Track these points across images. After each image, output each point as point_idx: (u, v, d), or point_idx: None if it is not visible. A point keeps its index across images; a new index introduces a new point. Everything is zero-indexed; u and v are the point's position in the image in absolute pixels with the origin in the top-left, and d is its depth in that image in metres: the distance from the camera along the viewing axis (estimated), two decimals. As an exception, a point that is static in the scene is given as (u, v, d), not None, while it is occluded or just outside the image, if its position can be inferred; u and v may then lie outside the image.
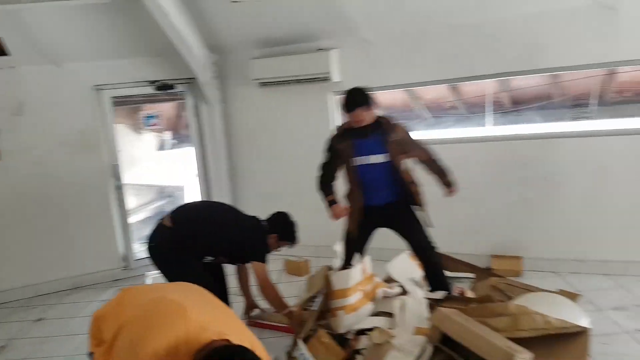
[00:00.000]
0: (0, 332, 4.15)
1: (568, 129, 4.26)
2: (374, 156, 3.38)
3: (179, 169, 5.65)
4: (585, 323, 2.69)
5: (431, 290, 3.46)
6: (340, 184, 3.58)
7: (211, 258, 3.40)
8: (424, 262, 3.46)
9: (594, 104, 4.22)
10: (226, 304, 3.40)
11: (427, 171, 3.59)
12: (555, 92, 4.42)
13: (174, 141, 5.62)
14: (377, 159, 3.37)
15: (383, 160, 3.37)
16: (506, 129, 4.52)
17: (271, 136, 5.19)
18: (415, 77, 4.51)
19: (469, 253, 4.24)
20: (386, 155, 3.35)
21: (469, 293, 3.36)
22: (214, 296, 1.97)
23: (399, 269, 3.42)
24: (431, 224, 3.53)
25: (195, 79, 5.05)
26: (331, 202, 3.50)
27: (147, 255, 3.38)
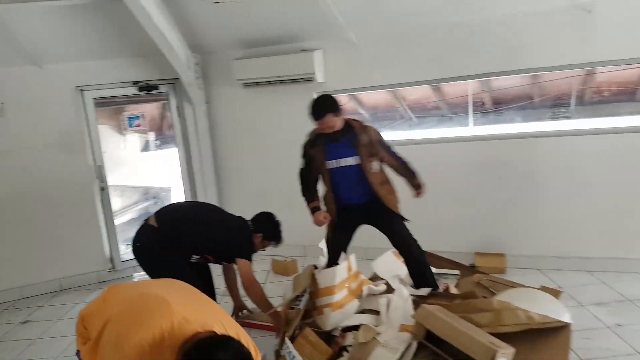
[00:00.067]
0: (-14, 334, 4.11)
1: (547, 128, 4.31)
2: (345, 159, 3.41)
3: (163, 170, 5.62)
4: (567, 318, 2.74)
5: (415, 285, 3.47)
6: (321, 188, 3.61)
7: (197, 257, 3.39)
8: (405, 256, 3.48)
9: (572, 104, 4.29)
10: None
11: (396, 173, 3.65)
12: (535, 92, 4.48)
13: (158, 142, 5.58)
14: (349, 161, 3.41)
15: (355, 163, 3.40)
16: (487, 129, 4.55)
17: (256, 137, 5.18)
18: (398, 77, 4.53)
19: (454, 251, 4.27)
20: (357, 158, 3.39)
21: (453, 289, 3.40)
22: (199, 291, 1.97)
23: (383, 266, 3.44)
24: (407, 219, 3.56)
25: (178, 79, 5.03)
26: (314, 209, 3.53)
27: (133, 256, 3.36)
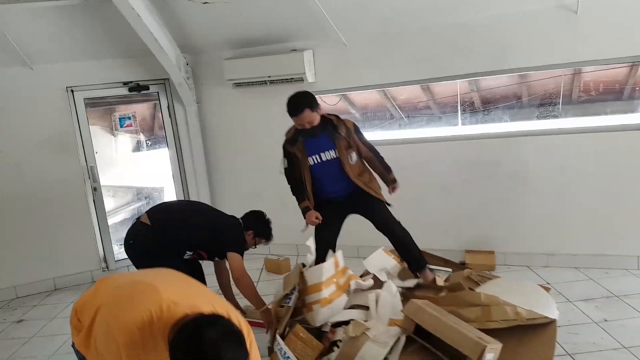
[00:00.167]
0: (-18, 333, 4.11)
1: (535, 127, 4.35)
2: (325, 153, 3.45)
3: (155, 171, 5.62)
4: (553, 313, 2.77)
5: (409, 266, 3.54)
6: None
7: (190, 253, 3.41)
8: (389, 237, 3.53)
9: (560, 103, 4.34)
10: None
11: (370, 167, 3.69)
12: (522, 92, 4.53)
13: (149, 142, 5.58)
14: (328, 155, 3.45)
15: (335, 156, 3.44)
16: (476, 128, 4.59)
17: (248, 137, 5.19)
18: (388, 77, 4.55)
19: (444, 249, 4.31)
20: (336, 151, 3.44)
21: (440, 281, 3.40)
22: (188, 276, 1.97)
23: (374, 264, 3.47)
24: (390, 204, 3.61)
25: (168, 79, 5.05)
26: (305, 209, 3.54)
27: (126, 254, 3.38)
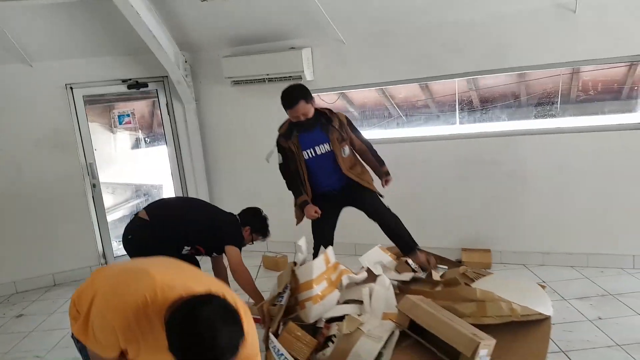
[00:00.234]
0: (-18, 327, 4.14)
1: (533, 126, 4.37)
2: (319, 146, 3.48)
3: (154, 168, 5.63)
4: (548, 311, 2.78)
5: (401, 250, 3.62)
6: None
7: (188, 248, 3.42)
8: (381, 224, 3.59)
9: (558, 102, 4.35)
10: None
11: (364, 160, 3.73)
12: (521, 91, 4.54)
13: (147, 140, 5.60)
14: (323, 148, 3.49)
15: (329, 149, 3.48)
16: (474, 127, 4.61)
17: (246, 134, 5.19)
18: (386, 76, 4.56)
19: (441, 247, 4.32)
20: (330, 144, 3.47)
21: (436, 275, 3.41)
22: (183, 262, 1.97)
23: (370, 261, 3.47)
24: (382, 195, 3.68)
25: (167, 77, 5.06)
26: (304, 203, 3.55)
27: (124, 249, 3.40)
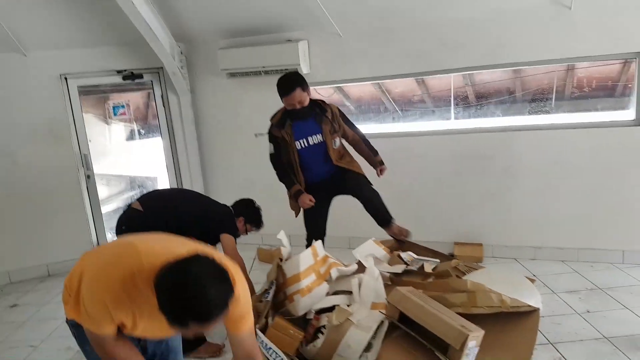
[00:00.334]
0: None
1: (527, 122, 4.39)
2: (312, 137, 3.50)
3: (149, 160, 5.63)
4: (537, 303, 2.81)
5: (377, 222, 3.68)
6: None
7: None
8: (361, 198, 3.64)
9: (553, 98, 4.37)
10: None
11: (357, 150, 3.77)
12: (516, 87, 4.56)
13: (142, 131, 5.59)
14: (315, 139, 3.51)
15: (321, 140, 3.50)
16: (468, 122, 4.63)
17: (242, 127, 5.18)
18: (382, 70, 4.57)
19: (433, 240, 4.33)
20: (322, 135, 3.49)
21: (428, 267, 3.43)
22: (168, 234, 1.97)
23: (363, 254, 3.49)
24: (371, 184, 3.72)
25: (162, 68, 5.04)
26: (297, 193, 3.57)
27: None
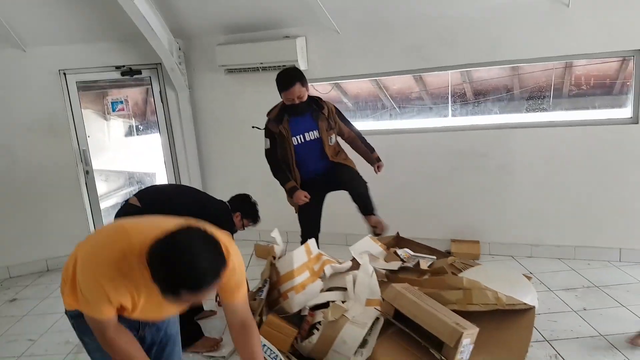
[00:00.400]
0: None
1: (524, 120, 4.39)
2: (309, 133, 3.52)
3: (147, 156, 5.63)
4: (533, 301, 2.82)
5: (362, 212, 3.72)
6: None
7: None
8: (354, 192, 3.67)
9: (550, 96, 4.37)
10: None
11: (354, 148, 3.79)
12: (514, 84, 4.56)
13: (140, 127, 5.60)
14: (312, 135, 3.53)
15: (318, 136, 3.52)
16: (466, 119, 4.63)
17: (240, 123, 5.13)
18: (380, 67, 4.56)
19: (430, 237, 4.36)
20: (318, 131, 3.51)
21: (424, 266, 3.45)
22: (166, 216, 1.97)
23: (359, 250, 3.50)
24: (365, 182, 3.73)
25: (161, 64, 5.04)
26: (292, 189, 3.58)
27: None
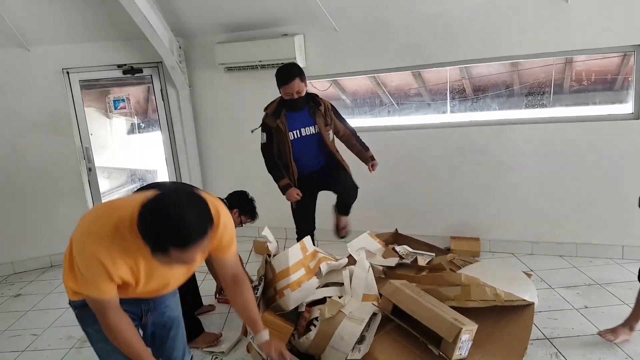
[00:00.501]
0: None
1: (523, 116, 4.36)
2: (306, 128, 3.54)
3: (149, 153, 5.66)
4: (532, 298, 2.81)
5: (338, 210, 3.79)
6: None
7: None
8: (344, 196, 3.70)
9: (551, 92, 4.35)
10: (193, 285, 3.47)
11: (348, 146, 3.81)
12: (513, 80, 4.53)
13: (142, 125, 5.62)
14: (309, 130, 3.55)
15: (315, 132, 3.55)
16: (465, 115, 4.60)
17: (239, 121, 5.13)
18: (378, 63, 4.56)
19: (430, 234, 4.34)
20: (317, 127, 3.54)
21: (422, 263, 3.45)
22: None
23: (357, 247, 3.49)
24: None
25: (162, 63, 5.06)
26: (286, 186, 3.59)
27: None
